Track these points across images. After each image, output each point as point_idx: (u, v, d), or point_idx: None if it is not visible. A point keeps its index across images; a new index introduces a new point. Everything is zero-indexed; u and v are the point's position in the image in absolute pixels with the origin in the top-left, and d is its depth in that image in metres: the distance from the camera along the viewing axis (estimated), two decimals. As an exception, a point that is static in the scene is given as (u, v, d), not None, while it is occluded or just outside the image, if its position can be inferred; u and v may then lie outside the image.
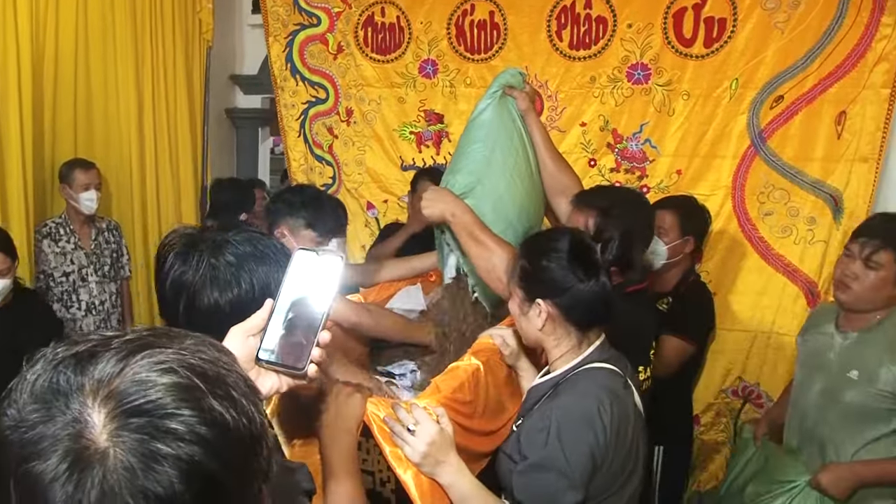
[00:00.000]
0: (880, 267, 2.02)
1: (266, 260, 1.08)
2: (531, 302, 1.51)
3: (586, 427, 1.35)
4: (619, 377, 1.49)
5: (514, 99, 2.13)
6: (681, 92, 3.09)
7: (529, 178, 2.09)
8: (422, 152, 3.61)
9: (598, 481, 1.36)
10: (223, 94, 4.36)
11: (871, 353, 2.01)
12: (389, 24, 3.55)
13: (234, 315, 1.01)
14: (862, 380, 2.00)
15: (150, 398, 0.53)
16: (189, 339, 0.60)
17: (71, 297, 3.22)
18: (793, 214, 2.99)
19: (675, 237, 2.62)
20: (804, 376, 2.23)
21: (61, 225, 3.21)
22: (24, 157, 2.92)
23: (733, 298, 3.10)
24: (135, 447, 0.52)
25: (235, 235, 1.09)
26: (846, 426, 2.04)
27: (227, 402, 0.56)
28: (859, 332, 2.07)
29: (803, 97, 2.93)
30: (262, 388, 0.94)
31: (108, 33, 3.38)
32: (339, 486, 1.15)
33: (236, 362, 0.62)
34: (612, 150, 3.25)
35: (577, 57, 3.23)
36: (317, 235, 2.12)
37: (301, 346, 0.94)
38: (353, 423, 1.26)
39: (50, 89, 3.15)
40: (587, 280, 1.45)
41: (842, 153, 2.90)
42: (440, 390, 1.47)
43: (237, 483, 0.56)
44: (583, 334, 1.51)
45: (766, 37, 2.94)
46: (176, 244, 1.08)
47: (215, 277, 1.04)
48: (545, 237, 1.60)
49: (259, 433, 0.59)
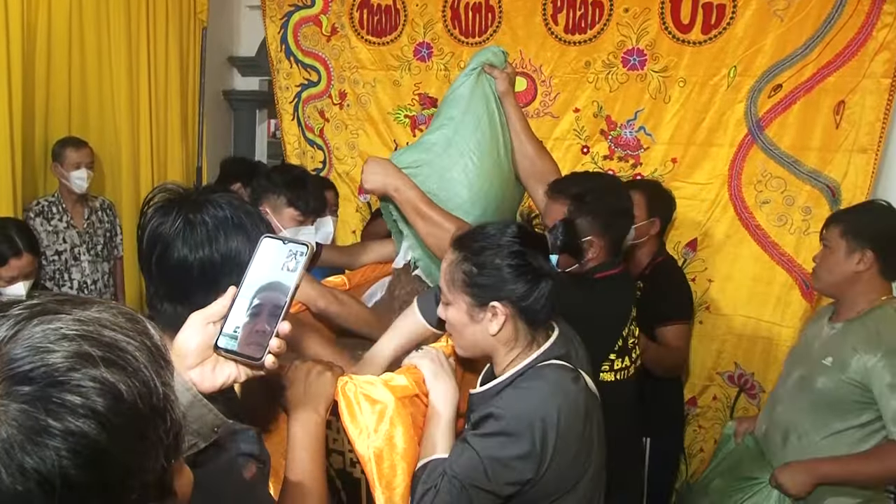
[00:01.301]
0: (830, 244, 2.03)
1: (242, 230, 1.08)
2: (484, 307, 1.39)
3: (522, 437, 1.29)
4: (570, 371, 1.40)
5: (494, 79, 2.08)
6: (677, 79, 3.05)
7: (494, 162, 2.01)
8: (415, 136, 3.58)
9: (545, 484, 1.31)
10: (220, 75, 4.34)
11: (848, 342, 1.97)
12: (385, 6, 3.51)
13: (199, 277, 1.04)
14: (834, 367, 1.96)
15: (39, 365, 0.51)
16: (95, 306, 0.58)
17: (63, 275, 3.22)
18: (788, 203, 2.96)
19: (642, 217, 2.64)
20: (789, 365, 2.22)
21: (54, 203, 3.20)
22: (12, 136, 2.91)
23: (728, 285, 3.08)
24: (18, 418, 0.50)
25: (219, 198, 1.10)
26: (814, 414, 2.00)
27: (123, 373, 0.54)
28: (845, 323, 2.04)
29: (802, 86, 2.88)
30: (219, 376, 0.93)
31: (102, 12, 3.35)
32: (298, 464, 1.14)
33: (147, 331, 0.60)
34: (606, 137, 3.21)
35: (572, 41, 3.19)
36: (298, 214, 2.12)
37: (261, 336, 0.92)
38: (323, 401, 1.25)
39: (43, 68, 3.13)
40: (541, 271, 1.38)
41: (840, 143, 2.86)
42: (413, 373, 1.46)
43: (131, 457, 0.54)
44: (532, 336, 1.43)
45: (766, 24, 2.90)
46: (159, 199, 1.10)
47: (189, 234, 1.05)
48: (486, 234, 1.42)
49: (160, 405, 0.57)
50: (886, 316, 1.96)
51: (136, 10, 3.48)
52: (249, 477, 1.01)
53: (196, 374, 0.91)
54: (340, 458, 1.48)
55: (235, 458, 0.99)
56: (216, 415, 0.91)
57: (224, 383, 0.94)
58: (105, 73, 3.41)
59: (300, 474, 1.13)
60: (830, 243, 2.03)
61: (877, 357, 1.88)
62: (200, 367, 0.92)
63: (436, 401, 1.44)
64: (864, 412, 1.92)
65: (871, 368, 1.88)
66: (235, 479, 0.99)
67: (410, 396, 1.41)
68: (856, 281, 2.00)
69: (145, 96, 3.57)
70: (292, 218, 2.12)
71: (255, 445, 1.03)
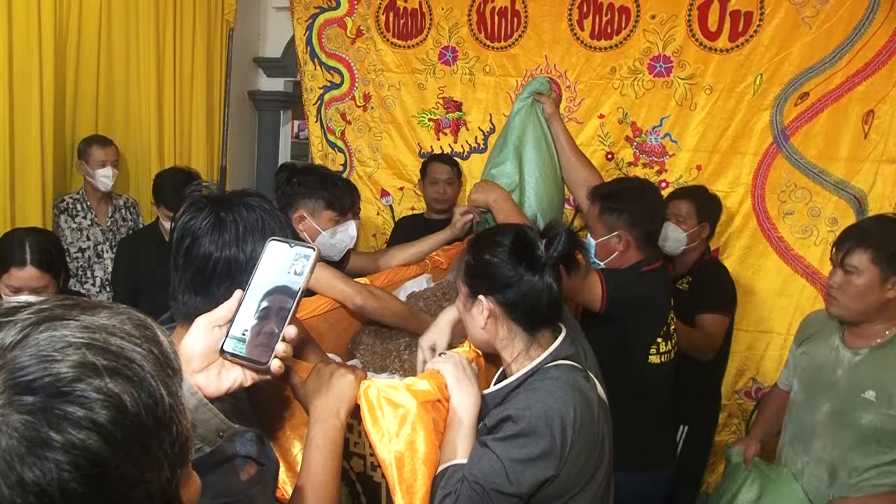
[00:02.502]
0: (857, 271, 1.85)
1: (267, 233, 1.08)
2: (474, 298, 1.46)
3: (542, 435, 1.30)
4: (580, 371, 1.43)
5: (542, 104, 2.42)
6: (703, 86, 3.04)
7: (553, 175, 2.41)
8: (440, 140, 3.59)
9: (562, 481, 1.31)
10: (246, 76, 4.36)
11: (888, 374, 1.84)
12: (412, 10, 3.52)
13: (223, 273, 1.04)
14: (881, 401, 1.82)
15: (43, 375, 0.50)
16: (103, 311, 0.57)
17: (86, 272, 3.25)
18: (814, 215, 2.93)
19: (693, 224, 2.74)
20: (808, 395, 2.04)
21: (78, 201, 3.23)
22: (43, 134, 2.94)
23: (750, 298, 3.05)
24: (20, 429, 0.49)
25: (251, 201, 1.11)
26: (863, 449, 1.87)
27: (128, 383, 0.53)
28: (870, 349, 1.90)
29: (829, 94, 2.86)
30: (225, 381, 0.93)
31: (131, 12, 3.39)
32: (312, 465, 1.14)
33: (156, 338, 0.59)
34: (631, 144, 3.20)
35: (597, 47, 3.19)
36: (336, 214, 2.12)
37: (269, 337, 0.93)
38: (345, 404, 1.24)
39: (73, 67, 3.17)
40: (529, 275, 1.40)
41: (868, 153, 2.83)
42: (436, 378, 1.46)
43: (134, 470, 0.53)
44: (531, 336, 1.45)
45: (793, 32, 2.88)
46: (196, 196, 1.11)
47: (217, 232, 1.06)
48: (491, 233, 1.54)
49: (165, 416, 0.56)
50: None
51: (163, 11, 3.51)
52: (247, 479, 1.02)
53: (202, 379, 0.92)
54: (361, 462, 1.48)
55: (232, 460, 0.99)
56: (221, 419, 0.91)
57: (230, 388, 0.94)
58: (133, 72, 3.45)
59: (313, 476, 1.13)
60: (859, 269, 1.85)
61: None
62: (206, 371, 0.93)
63: (457, 406, 1.44)
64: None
65: None
66: (230, 480, 0.99)
67: (433, 401, 1.40)
68: (885, 307, 1.87)
69: (170, 96, 3.60)
70: (330, 219, 2.11)
71: (254, 447, 1.03)
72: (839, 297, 1.90)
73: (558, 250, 1.40)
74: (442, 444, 1.41)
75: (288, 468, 1.41)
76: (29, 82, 2.89)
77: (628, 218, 2.13)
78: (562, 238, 1.41)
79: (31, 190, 2.94)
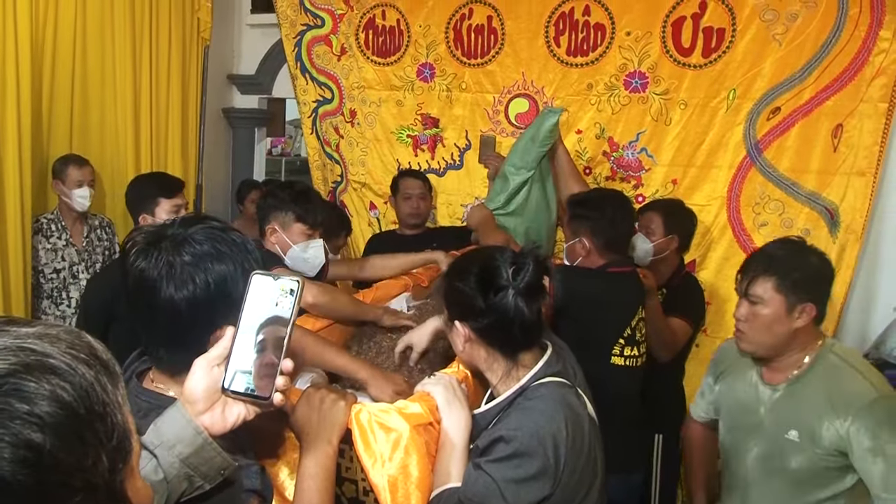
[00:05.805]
0: (762, 300, 1.73)
1: (223, 258, 1.06)
2: (451, 323, 1.49)
3: (535, 454, 1.31)
4: (569, 388, 1.43)
5: None
6: (678, 101, 3.09)
7: (545, 204, 2.79)
8: (417, 156, 3.60)
9: (556, 500, 1.32)
10: (220, 93, 4.34)
11: (807, 409, 1.72)
12: (390, 27, 3.55)
13: (191, 315, 1.02)
14: (804, 441, 1.71)
15: None
16: (39, 326, 0.60)
17: (61, 294, 3.20)
18: (787, 226, 2.98)
19: (661, 235, 2.79)
20: (735, 439, 1.91)
21: (53, 221, 3.18)
22: (20, 153, 2.90)
23: (726, 308, 3.08)
24: None
25: (196, 233, 1.07)
26: (796, 491, 1.75)
27: (59, 377, 0.56)
28: (787, 385, 1.78)
29: (800, 109, 2.92)
30: (229, 417, 0.95)
31: (107, 30, 3.37)
32: (305, 494, 1.14)
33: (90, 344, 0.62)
34: (608, 159, 3.24)
35: (574, 63, 3.23)
36: (307, 228, 2.14)
37: (271, 368, 0.94)
38: (336, 431, 1.24)
39: (47, 85, 3.14)
40: (497, 302, 1.40)
41: (838, 166, 2.89)
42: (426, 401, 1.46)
43: (69, 457, 0.55)
44: (511, 360, 1.45)
45: (765, 48, 2.94)
46: (139, 241, 1.07)
47: (171, 275, 1.03)
48: (466, 258, 1.59)
49: (98, 409, 0.59)
50: (833, 367, 1.74)
51: (139, 29, 3.49)
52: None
53: (207, 419, 0.93)
54: (353, 487, 1.47)
55: (240, 494, 1.00)
56: (224, 458, 0.93)
57: (234, 423, 0.95)
58: (108, 90, 3.42)
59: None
60: (764, 299, 1.73)
61: (848, 421, 1.64)
62: (210, 411, 0.94)
63: (449, 428, 1.44)
64: (846, 475, 1.70)
65: (844, 435, 1.64)
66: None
67: (425, 424, 1.41)
68: (795, 337, 1.75)
69: (146, 114, 3.58)
70: (301, 232, 2.14)
71: (258, 479, 1.05)
72: (747, 331, 1.79)
73: (524, 280, 1.41)
74: (434, 468, 1.41)
75: (276, 493, 1.40)
76: (4, 103, 2.85)
77: (590, 225, 2.30)
78: (529, 268, 1.42)
79: (10, 210, 2.90)
